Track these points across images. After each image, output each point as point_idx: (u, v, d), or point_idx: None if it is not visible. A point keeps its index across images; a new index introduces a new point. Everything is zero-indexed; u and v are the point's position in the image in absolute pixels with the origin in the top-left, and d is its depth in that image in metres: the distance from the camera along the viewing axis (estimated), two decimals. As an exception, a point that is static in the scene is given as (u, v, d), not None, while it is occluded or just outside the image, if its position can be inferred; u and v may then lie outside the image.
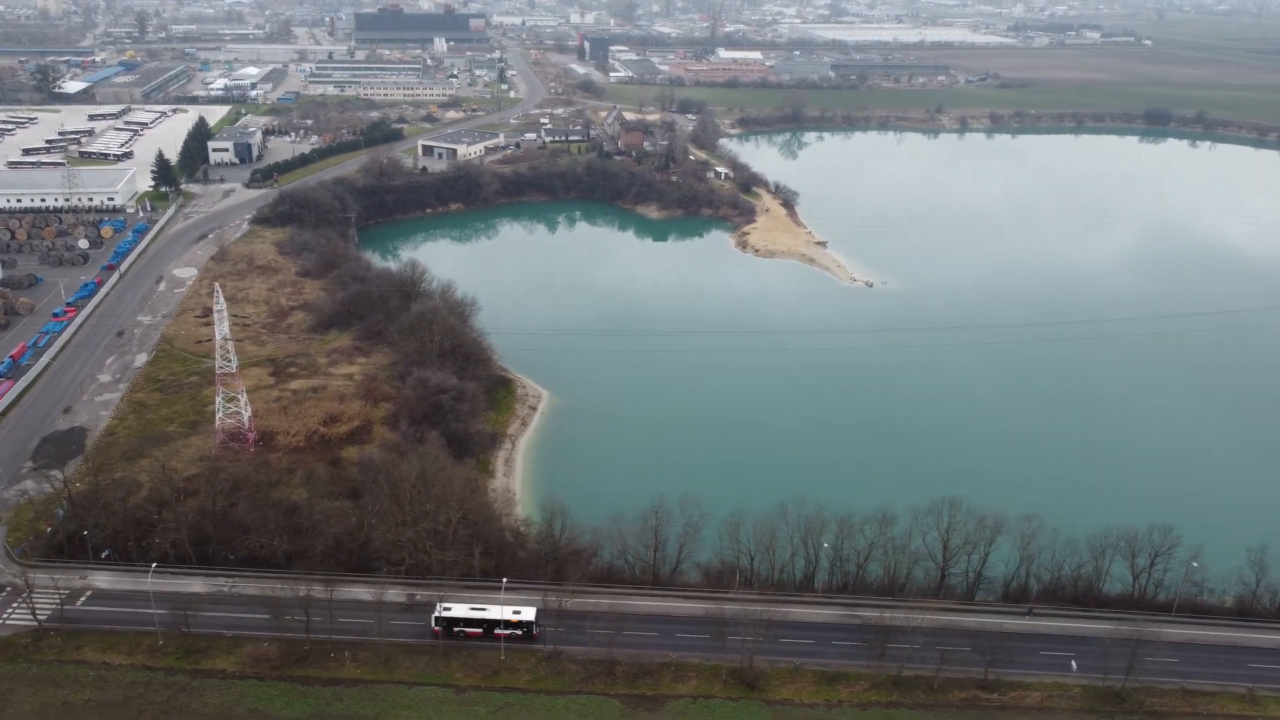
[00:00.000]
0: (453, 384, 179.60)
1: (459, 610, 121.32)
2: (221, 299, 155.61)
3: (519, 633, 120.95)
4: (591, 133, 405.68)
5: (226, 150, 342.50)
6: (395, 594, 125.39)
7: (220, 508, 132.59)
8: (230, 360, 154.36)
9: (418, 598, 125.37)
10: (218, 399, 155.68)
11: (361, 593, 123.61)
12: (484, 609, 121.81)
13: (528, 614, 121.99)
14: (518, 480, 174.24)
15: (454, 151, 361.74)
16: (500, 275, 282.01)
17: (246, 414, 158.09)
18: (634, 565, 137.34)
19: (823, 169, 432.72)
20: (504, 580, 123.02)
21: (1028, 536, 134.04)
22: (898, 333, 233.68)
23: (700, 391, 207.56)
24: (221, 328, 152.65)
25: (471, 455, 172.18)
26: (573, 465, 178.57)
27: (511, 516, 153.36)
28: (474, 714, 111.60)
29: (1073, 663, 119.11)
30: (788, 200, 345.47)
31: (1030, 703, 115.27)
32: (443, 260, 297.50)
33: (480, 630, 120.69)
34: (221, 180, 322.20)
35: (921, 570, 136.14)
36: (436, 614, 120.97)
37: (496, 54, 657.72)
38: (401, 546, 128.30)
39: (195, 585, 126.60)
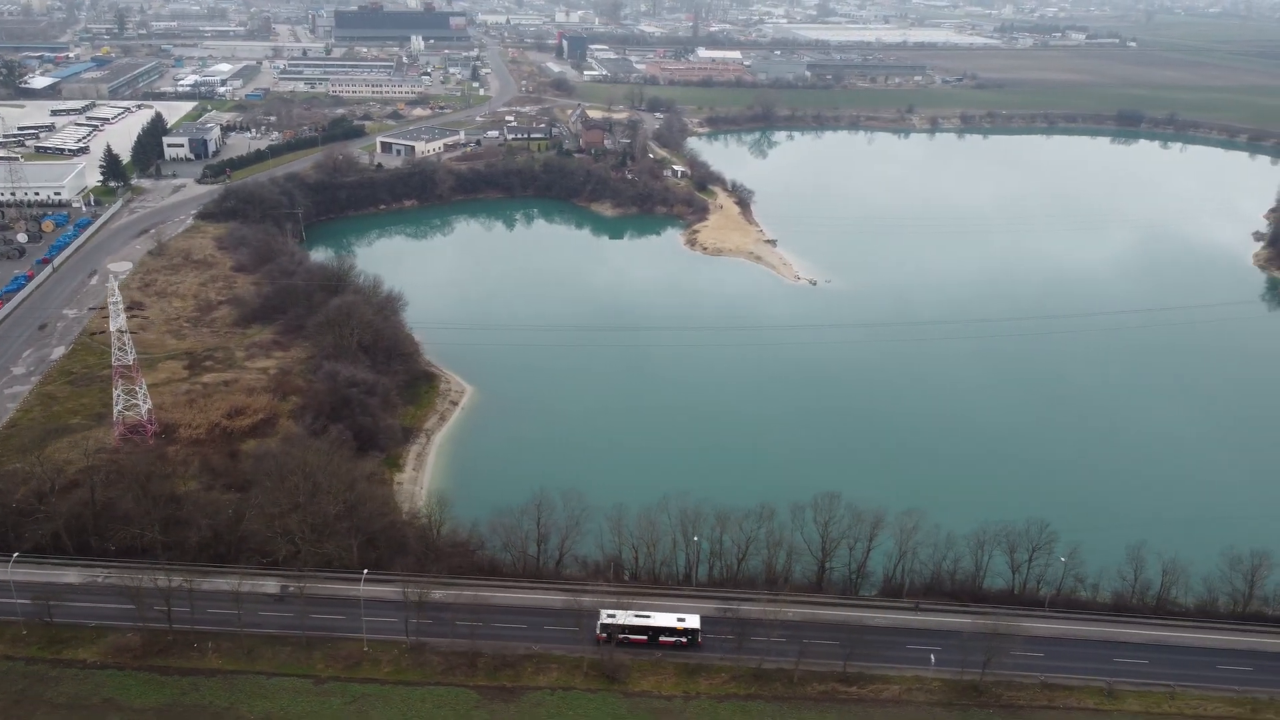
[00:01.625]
0: (364, 378, 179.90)
1: (622, 617, 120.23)
2: (117, 293, 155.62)
3: (683, 640, 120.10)
4: (554, 131, 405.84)
5: (182, 146, 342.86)
6: (271, 585, 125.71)
7: (101, 500, 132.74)
8: (127, 352, 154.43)
9: (290, 589, 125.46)
10: (115, 391, 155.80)
11: (231, 584, 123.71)
12: (647, 616, 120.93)
13: (692, 621, 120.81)
14: (427, 474, 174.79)
15: (412, 149, 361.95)
16: (445, 271, 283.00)
17: (146, 406, 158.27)
18: (516, 558, 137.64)
19: (786, 168, 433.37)
20: (365, 571, 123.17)
21: (907, 531, 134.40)
22: (827, 329, 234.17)
23: (627, 386, 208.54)
24: (117, 320, 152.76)
25: (380, 449, 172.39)
26: (485, 460, 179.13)
27: (411, 510, 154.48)
28: (329, 705, 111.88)
29: (931, 656, 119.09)
30: (742, 199, 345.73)
31: (888, 696, 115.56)
32: (389, 256, 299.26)
33: (645, 638, 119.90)
34: (174, 176, 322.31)
35: (802, 564, 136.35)
36: (601, 621, 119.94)
37: (474, 52, 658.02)
38: (275, 538, 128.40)
39: (70, 576, 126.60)
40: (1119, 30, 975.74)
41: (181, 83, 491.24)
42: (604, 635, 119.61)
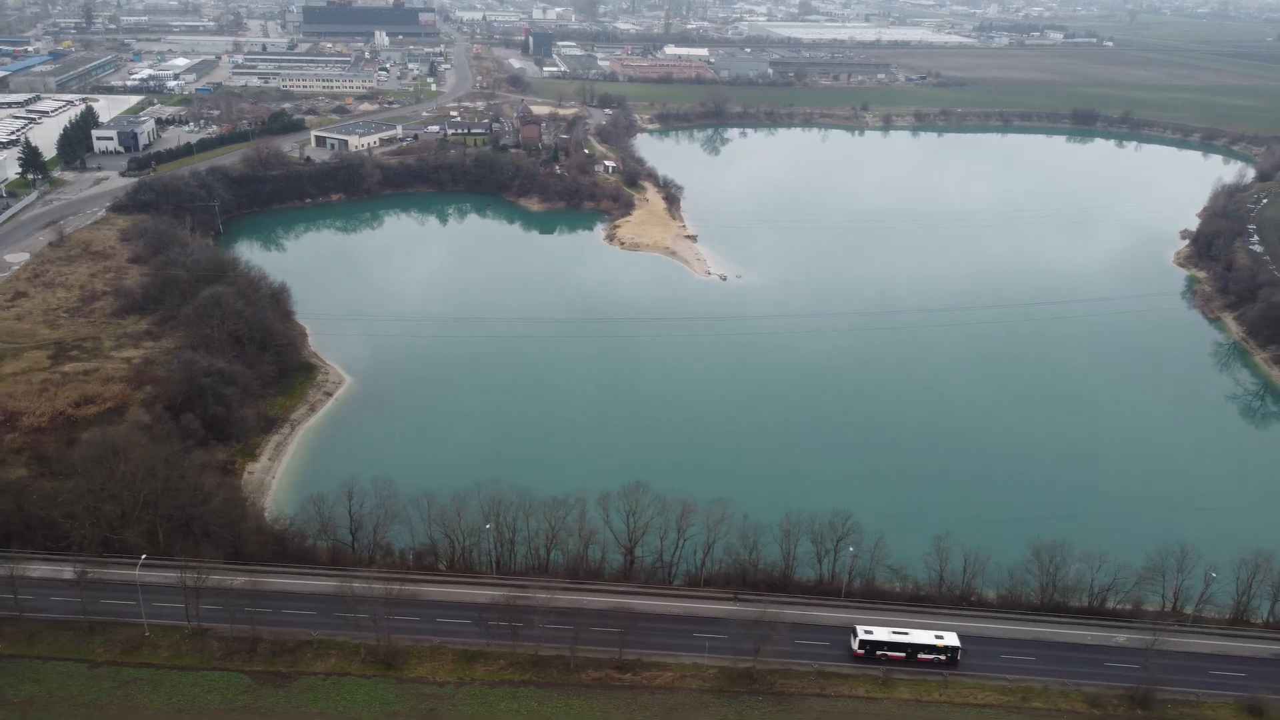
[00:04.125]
0: (223, 368, 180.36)
1: (880, 634, 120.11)
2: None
3: (942, 658, 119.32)
4: (494, 126, 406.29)
5: (111, 139, 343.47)
6: (68, 572, 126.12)
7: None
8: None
9: (89, 575, 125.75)
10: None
11: (35, 570, 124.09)
12: (905, 633, 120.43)
13: (951, 639, 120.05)
14: (283, 464, 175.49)
15: (345, 143, 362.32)
16: (354, 264, 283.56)
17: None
18: (332, 546, 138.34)
19: (730, 165, 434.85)
20: (143, 556, 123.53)
21: (715, 521, 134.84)
22: (717, 321, 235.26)
23: (510, 377, 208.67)
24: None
25: (235, 439, 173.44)
26: (345, 450, 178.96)
27: (252, 500, 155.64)
28: (99, 688, 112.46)
29: (705, 643, 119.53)
30: (671, 195, 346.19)
31: (661, 683, 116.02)
32: (306, 249, 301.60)
33: (903, 655, 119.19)
34: (98, 169, 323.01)
35: (611, 553, 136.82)
36: (860, 637, 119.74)
37: (440, 48, 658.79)
38: (65, 522, 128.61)
39: None
40: (1099, 30, 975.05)
41: (135, 77, 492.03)
42: (861, 651, 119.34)
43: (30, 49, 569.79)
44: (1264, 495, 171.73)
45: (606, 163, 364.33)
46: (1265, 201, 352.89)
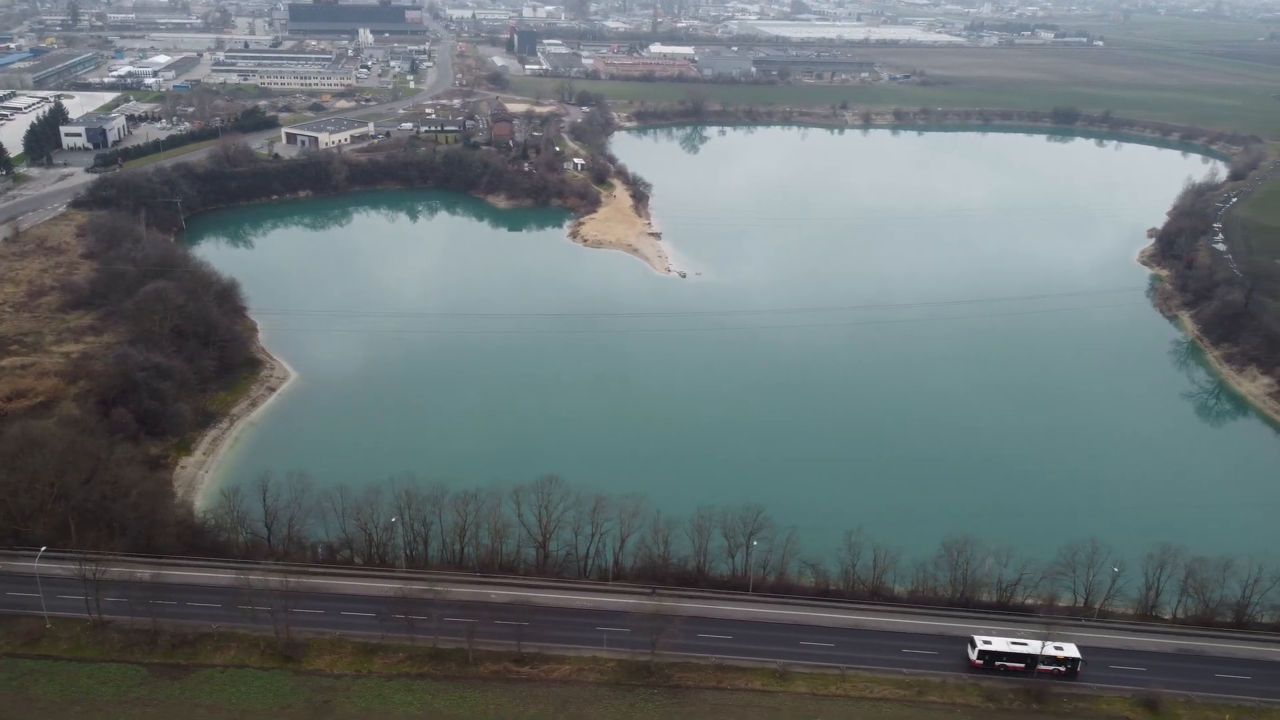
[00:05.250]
0: (159, 362, 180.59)
1: (999, 644, 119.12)
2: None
3: (1062, 669, 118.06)
4: (468, 124, 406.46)
5: (79, 135, 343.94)
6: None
7: None
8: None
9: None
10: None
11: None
12: (1024, 644, 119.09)
13: (1070, 650, 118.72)
14: (218, 458, 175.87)
15: (315, 139, 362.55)
16: (316, 260, 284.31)
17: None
18: (248, 540, 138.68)
19: (703, 163, 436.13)
20: (42, 549, 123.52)
21: (628, 515, 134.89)
22: (671, 318, 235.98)
23: (452, 373, 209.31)
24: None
25: (169, 434, 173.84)
26: (283, 444, 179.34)
27: (181, 495, 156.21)
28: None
29: (603, 637, 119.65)
30: (639, 192, 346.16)
31: (558, 676, 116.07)
32: (269, 245, 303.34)
33: (1022, 665, 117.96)
34: (65, 165, 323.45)
35: (525, 547, 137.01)
36: (978, 647, 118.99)
37: (426, 46, 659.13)
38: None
39: None
40: (1092, 29, 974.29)
41: (113, 74, 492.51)
42: (980, 662, 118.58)
43: (13, 46, 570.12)
44: (1195, 494, 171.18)
45: (576, 160, 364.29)
46: (1234, 200, 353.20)
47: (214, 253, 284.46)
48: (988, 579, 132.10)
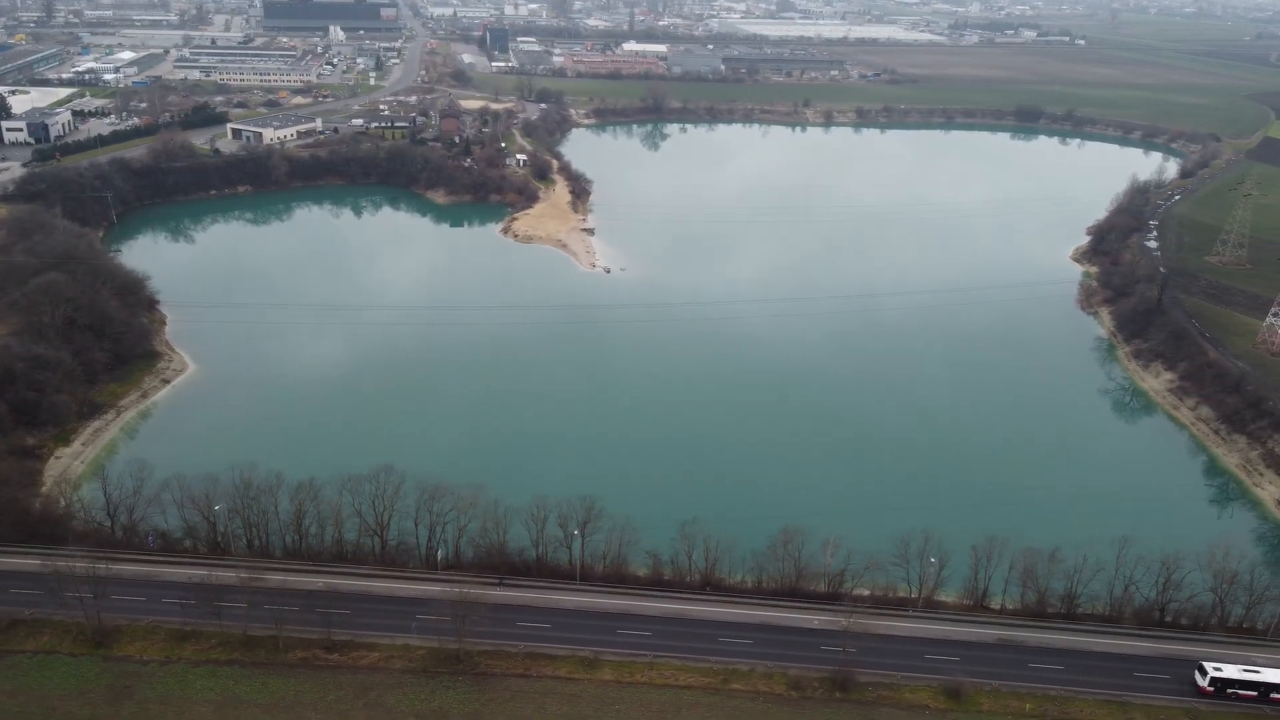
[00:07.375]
0: (38, 353, 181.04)
1: (1230, 671, 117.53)
2: None
3: None
4: (419, 120, 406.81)
5: (20, 130, 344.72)
6: None
7: None
8: None
9: None
10: None
11: None
12: (1257, 671, 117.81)
13: None
14: (97, 449, 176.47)
15: (259, 135, 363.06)
16: (244, 255, 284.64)
17: None
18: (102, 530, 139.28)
19: (658, 160, 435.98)
20: None
21: (467, 504, 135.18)
22: (585, 310, 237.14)
23: (349, 364, 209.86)
24: None
25: (49, 424, 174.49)
26: (169, 436, 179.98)
27: (57, 486, 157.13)
28: None
29: (419, 625, 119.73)
30: (579, 188, 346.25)
31: (366, 663, 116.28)
32: (199, 240, 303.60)
33: (1255, 694, 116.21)
34: (3, 160, 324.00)
35: (364, 536, 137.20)
36: (1210, 674, 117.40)
37: (399, 43, 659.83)
38: None
39: None
40: (1082, 28, 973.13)
41: (74, 70, 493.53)
42: (1211, 689, 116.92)
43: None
44: (1073, 488, 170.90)
45: (519, 156, 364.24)
46: (1177, 198, 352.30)
47: (144, 247, 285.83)
48: (822, 570, 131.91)
